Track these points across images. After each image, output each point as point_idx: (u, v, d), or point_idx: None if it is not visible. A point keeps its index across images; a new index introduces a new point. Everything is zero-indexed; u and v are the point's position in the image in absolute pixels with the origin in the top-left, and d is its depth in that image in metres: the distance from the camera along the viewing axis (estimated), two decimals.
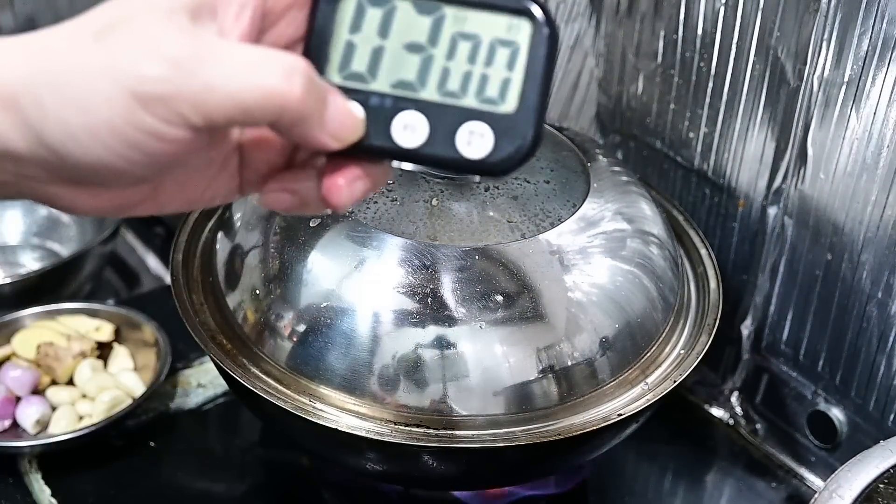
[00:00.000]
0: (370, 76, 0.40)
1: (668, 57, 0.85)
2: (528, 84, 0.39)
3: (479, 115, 0.39)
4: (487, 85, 0.39)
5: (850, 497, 0.60)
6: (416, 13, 0.40)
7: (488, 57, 0.39)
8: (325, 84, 0.39)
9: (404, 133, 0.40)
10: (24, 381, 0.85)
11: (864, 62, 0.70)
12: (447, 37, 0.40)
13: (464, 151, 0.39)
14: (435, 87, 0.40)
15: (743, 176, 0.82)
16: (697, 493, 0.86)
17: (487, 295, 0.66)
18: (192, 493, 0.82)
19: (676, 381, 0.69)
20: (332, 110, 0.39)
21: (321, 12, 0.40)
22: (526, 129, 0.39)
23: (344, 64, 0.40)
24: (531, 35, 0.39)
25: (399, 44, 0.40)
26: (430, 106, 0.40)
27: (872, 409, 0.78)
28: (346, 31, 0.40)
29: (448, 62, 0.40)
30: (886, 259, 0.73)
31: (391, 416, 0.66)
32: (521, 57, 0.39)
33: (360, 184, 0.41)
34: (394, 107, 0.40)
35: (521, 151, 0.39)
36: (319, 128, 0.39)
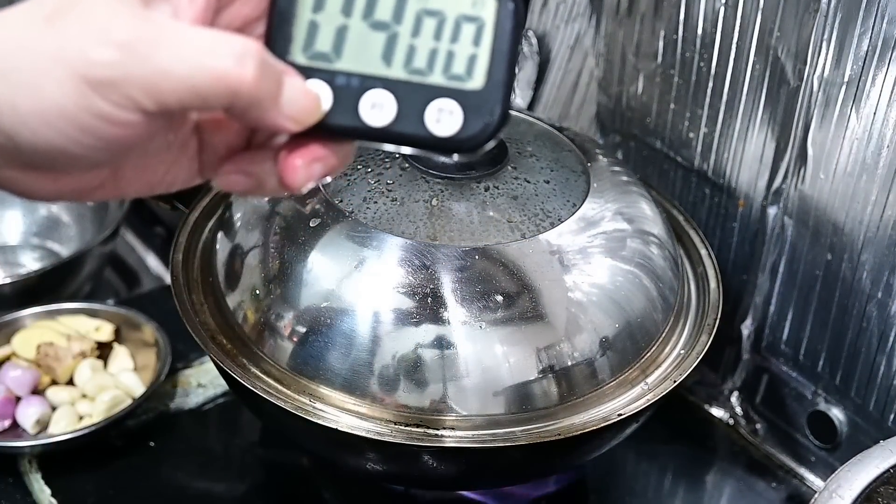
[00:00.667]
0: (335, 55, 0.39)
1: (668, 57, 0.85)
2: (495, 59, 0.39)
3: (447, 92, 0.39)
4: (454, 61, 0.39)
5: (850, 497, 0.60)
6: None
7: (454, 33, 0.39)
8: (280, 65, 0.39)
9: (372, 112, 0.39)
10: (24, 381, 0.85)
11: (864, 62, 0.70)
12: (412, 14, 0.39)
13: (433, 129, 0.39)
14: (401, 64, 0.39)
15: (743, 176, 0.82)
16: (697, 493, 0.86)
17: (487, 295, 0.66)
18: (192, 493, 0.82)
19: (676, 381, 0.69)
20: (288, 92, 0.38)
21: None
22: (494, 104, 0.39)
23: (308, 44, 0.39)
24: (496, 10, 0.39)
25: (363, 22, 0.39)
26: (398, 84, 0.39)
27: (872, 409, 0.78)
28: (308, 11, 0.39)
29: (413, 39, 0.39)
30: (886, 259, 0.73)
31: (391, 416, 0.66)
32: (487, 32, 0.39)
33: (319, 165, 0.41)
34: (361, 86, 0.39)
35: (491, 127, 0.39)
36: (276, 110, 0.38)
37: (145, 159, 0.41)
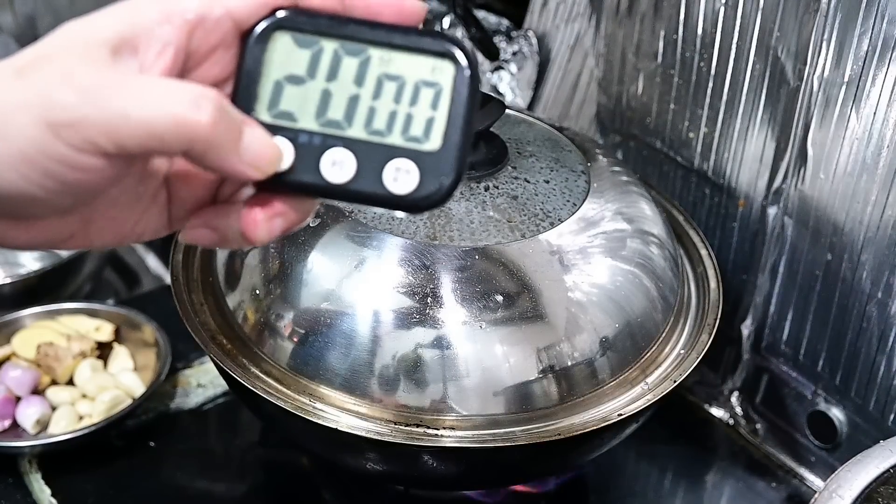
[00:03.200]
0: (299, 114, 0.41)
1: (668, 57, 0.85)
2: (452, 123, 0.41)
3: (404, 153, 0.41)
4: (412, 124, 0.41)
5: (850, 497, 0.60)
6: (344, 55, 0.41)
7: (413, 97, 0.41)
8: (240, 115, 0.40)
9: (333, 169, 0.41)
10: (24, 381, 0.85)
11: (864, 62, 0.70)
12: (373, 78, 0.41)
13: (390, 187, 0.41)
14: (362, 125, 0.41)
15: (743, 176, 0.82)
16: (697, 492, 0.86)
17: (487, 295, 0.66)
18: (192, 493, 0.82)
19: (676, 381, 0.69)
20: (248, 139, 0.39)
21: (250, 53, 0.41)
22: (450, 165, 0.41)
23: (273, 103, 0.41)
24: (454, 77, 0.41)
25: (327, 84, 0.41)
26: (358, 143, 0.41)
27: (872, 409, 0.78)
28: (274, 72, 0.41)
29: (374, 102, 0.41)
30: (886, 259, 0.73)
31: (391, 416, 0.66)
32: (445, 97, 0.41)
33: (280, 220, 0.42)
34: (322, 144, 0.41)
35: (446, 187, 0.41)
36: (236, 156, 0.39)
37: (116, 210, 0.42)
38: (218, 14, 0.40)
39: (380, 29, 0.41)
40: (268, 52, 0.41)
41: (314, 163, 0.41)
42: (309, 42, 0.41)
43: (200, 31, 0.40)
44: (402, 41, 0.41)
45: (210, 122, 0.38)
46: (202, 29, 0.40)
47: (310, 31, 0.41)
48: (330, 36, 0.41)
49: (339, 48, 0.41)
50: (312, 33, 0.41)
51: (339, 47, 0.41)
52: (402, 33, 0.41)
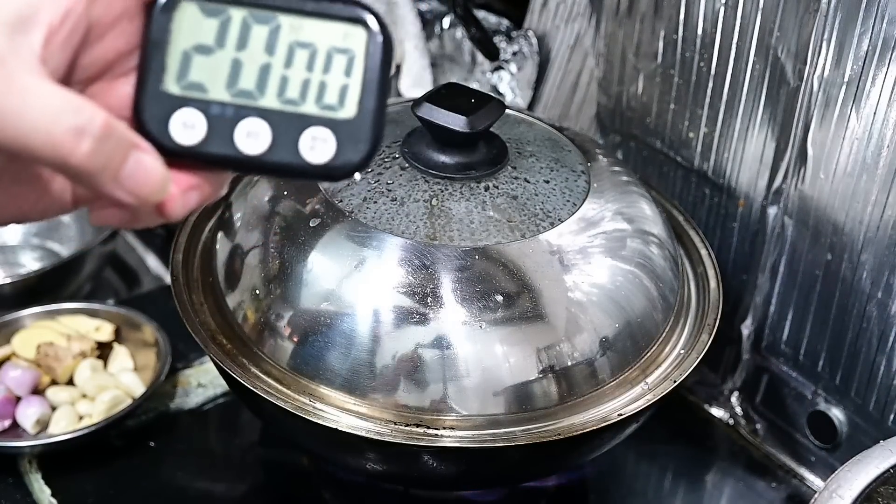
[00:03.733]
0: (210, 85, 0.40)
1: (668, 57, 0.85)
2: (366, 90, 0.40)
3: (320, 121, 0.40)
4: (326, 92, 0.40)
5: (850, 497, 0.60)
6: (253, 22, 0.40)
7: (326, 64, 0.40)
8: (130, 140, 0.38)
9: (248, 140, 0.40)
10: (24, 381, 0.85)
11: (864, 62, 0.70)
12: (284, 45, 0.40)
13: (307, 157, 0.40)
14: (275, 94, 0.40)
15: (743, 176, 0.82)
16: (697, 492, 0.86)
17: (487, 295, 0.66)
18: (193, 493, 0.82)
19: (676, 381, 0.69)
20: (132, 167, 0.38)
21: (156, 23, 0.40)
22: (366, 132, 0.40)
23: (181, 74, 0.40)
24: (366, 42, 0.40)
25: (237, 53, 0.40)
26: (272, 113, 0.40)
27: (872, 409, 0.78)
28: (182, 42, 0.40)
29: (286, 70, 0.40)
30: (886, 259, 0.73)
31: (391, 416, 0.66)
32: (358, 64, 0.40)
33: (195, 194, 0.41)
34: (236, 115, 0.40)
35: (363, 154, 0.40)
36: (113, 184, 0.38)
37: (17, 188, 0.41)
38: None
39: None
40: (174, 22, 0.40)
41: (228, 134, 0.40)
42: (216, 10, 0.40)
43: (101, 1, 0.39)
44: (313, 7, 0.40)
45: (85, 154, 0.37)
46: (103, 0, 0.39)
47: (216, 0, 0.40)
48: (238, 4, 0.40)
49: (248, 16, 0.40)
50: (219, 1, 0.40)
51: (247, 15, 0.40)
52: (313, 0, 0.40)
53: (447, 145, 0.71)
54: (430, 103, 0.71)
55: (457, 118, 0.70)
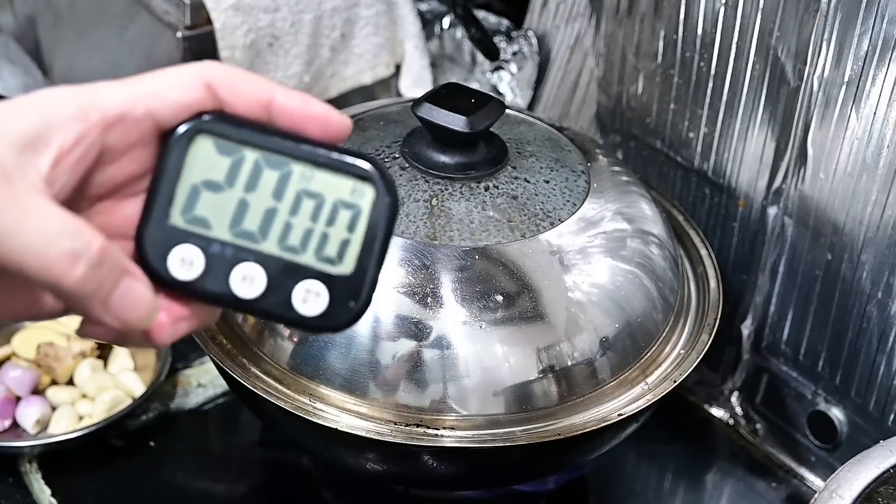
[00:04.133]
0: (213, 223, 0.40)
1: (668, 57, 0.85)
2: (367, 247, 0.40)
3: (316, 274, 0.40)
4: (327, 244, 0.40)
5: (850, 497, 0.60)
6: (265, 166, 0.40)
7: (330, 217, 0.40)
8: (123, 266, 0.38)
9: (242, 284, 0.40)
10: (24, 381, 0.85)
11: (864, 62, 0.70)
12: (293, 193, 0.40)
13: (299, 308, 0.40)
14: (276, 240, 0.40)
15: (743, 176, 0.83)
16: (697, 492, 0.86)
17: (487, 295, 0.67)
18: (192, 493, 0.82)
19: (676, 381, 0.69)
20: (122, 293, 0.38)
21: (170, 154, 0.40)
22: (360, 291, 0.40)
23: (187, 207, 0.40)
24: (373, 200, 0.40)
25: (245, 194, 0.40)
26: (270, 259, 0.40)
27: (872, 409, 0.78)
28: (192, 176, 0.40)
29: (291, 217, 0.40)
30: (886, 259, 0.73)
31: (391, 415, 0.66)
32: (362, 220, 0.40)
33: (185, 324, 0.41)
34: (234, 256, 0.40)
35: (353, 313, 0.40)
36: (101, 308, 0.38)
37: (11, 291, 0.41)
38: (139, 113, 0.39)
39: (304, 144, 0.40)
40: (188, 156, 0.40)
41: (224, 275, 0.40)
42: (231, 149, 0.40)
43: (119, 128, 0.39)
44: (325, 159, 0.40)
45: (78, 279, 0.37)
46: (121, 127, 0.39)
47: (232, 139, 0.40)
48: (253, 146, 0.40)
49: (261, 159, 0.40)
50: (235, 141, 0.40)
51: (260, 158, 0.40)
52: (327, 150, 0.40)
53: (447, 145, 0.71)
54: (430, 103, 0.71)
55: (457, 118, 0.70)
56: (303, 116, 0.40)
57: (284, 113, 0.40)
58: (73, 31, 1.03)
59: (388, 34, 0.99)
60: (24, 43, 1.13)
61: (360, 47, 0.97)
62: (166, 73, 0.40)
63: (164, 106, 0.40)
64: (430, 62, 1.04)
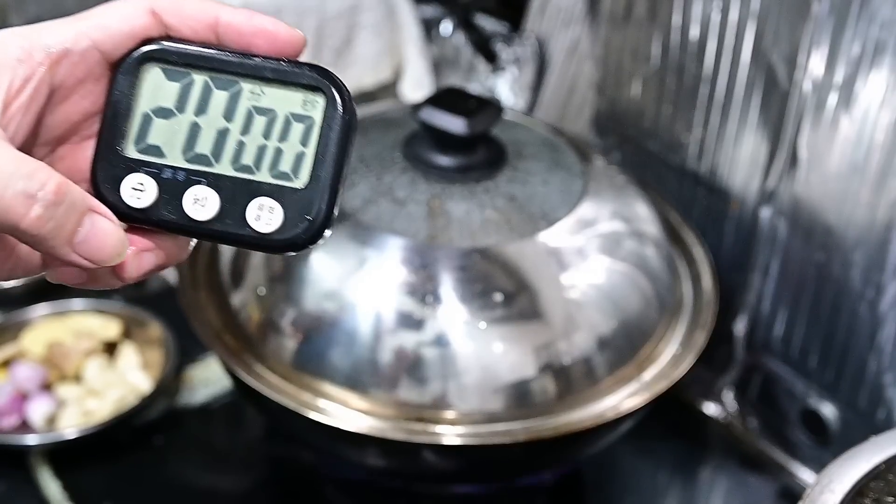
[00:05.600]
0: (166, 149, 0.40)
1: (663, 61, 0.86)
2: (321, 159, 0.39)
3: (269, 190, 0.39)
4: (281, 160, 0.39)
5: (841, 491, 0.59)
6: (214, 87, 0.39)
7: (283, 132, 0.39)
8: (86, 204, 0.37)
9: (195, 207, 0.39)
10: (33, 378, 0.85)
11: (856, 66, 0.71)
12: (243, 111, 0.39)
13: (254, 226, 0.39)
14: (229, 161, 0.39)
15: (736, 178, 0.83)
16: (692, 488, 0.86)
17: (486, 294, 0.67)
18: (199, 489, 0.83)
19: (674, 379, 0.70)
20: (87, 231, 0.37)
21: (118, 86, 0.39)
22: (316, 204, 0.39)
23: (140, 137, 0.40)
24: (325, 110, 0.39)
25: (196, 118, 0.40)
26: (223, 180, 0.39)
27: (862, 406, 0.78)
28: (143, 105, 0.40)
29: (243, 136, 0.39)
30: (877, 259, 0.74)
31: (393, 412, 0.67)
32: (315, 132, 0.39)
33: (150, 256, 0.40)
34: (186, 180, 0.39)
35: (311, 226, 0.39)
36: (67, 249, 0.37)
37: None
38: (83, 46, 0.39)
39: (252, 60, 0.39)
40: (137, 85, 0.40)
41: (177, 200, 0.39)
42: (179, 74, 0.40)
43: (66, 64, 0.39)
44: (274, 74, 0.39)
45: (34, 219, 0.36)
46: (67, 63, 0.39)
47: (180, 64, 0.40)
48: (200, 68, 0.39)
49: (210, 81, 0.39)
50: (183, 65, 0.40)
51: (209, 80, 0.39)
52: (275, 65, 0.39)
53: (447, 147, 0.72)
54: (430, 106, 0.71)
55: (457, 121, 0.70)
56: (250, 32, 0.39)
57: (231, 31, 0.40)
58: None
59: (389, 39, 0.99)
60: None
61: (361, 52, 0.98)
62: (111, 4, 0.40)
63: (108, 37, 0.39)
64: (431, 66, 1.04)
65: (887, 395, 0.76)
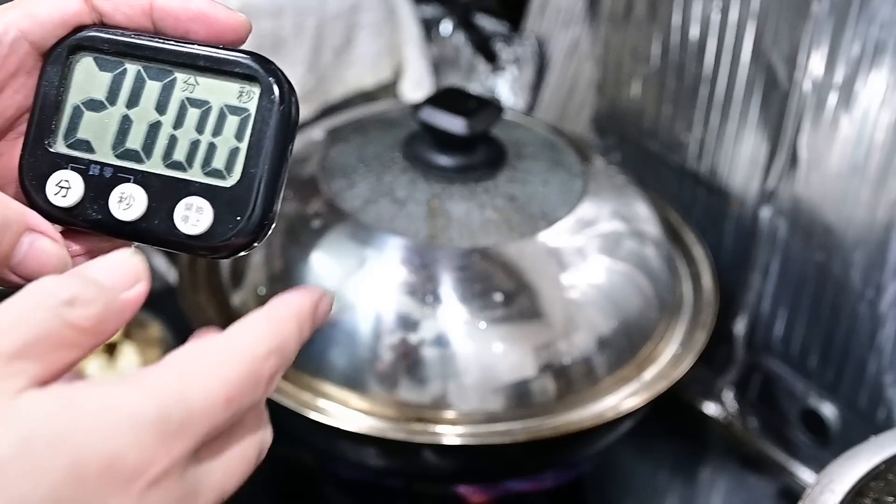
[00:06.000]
0: (95, 145, 0.37)
1: (663, 61, 0.86)
2: (253, 155, 0.36)
3: (200, 189, 0.36)
4: (214, 156, 0.36)
5: (841, 491, 0.59)
6: (147, 78, 0.37)
7: (217, 125, 0.36)
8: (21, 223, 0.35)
9: (120, 206, 0.36)
10: None
11: (855, 66, 0.71)
12: (176, 103, 0.37)
13: (181, 227, 0.36)
14: (160, 157, 0.37)
15: (736, 177, 0.83)
16: (692, 488, 0.87)
17: (486, 294, 0.67)
18: None
19: (674, 379, 0.70)
20: (25, 252, 0.35)
21: (48, 77, 0.37)
22: (247, 204, 0.36)
23: (70, 131, 0.37)
24: (259, 101, 0.36)
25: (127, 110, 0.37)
26: (152, 178, 0.37)
27: (862, 406, 0.78)
28: (73, 97, 0.37)
29: (175, 131, 0.37)
30: (877, 259, 0.74)
31: (392, 412, 0.67)
32: (250, 125, 0.36)
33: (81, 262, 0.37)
34: (113, 178, 0.37)
35: (243, 229, 0.36)
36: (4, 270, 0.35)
37: None
38: (11, 37, 0.36)
39: (188, 48, 0.37)
40: (67, 76, 0.37)
41: (104, 198, 0.37)
42: (111, 64, 0.37)
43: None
44: (209, 62, 0.36)
45: None
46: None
47: (113, 53, 0.37)
48: (133, 57, 0.37)
49: (143, 71, 0.37)
50: (115, 54, 0.37)
51: (142, 69, 0.37)
52: (211, 53, 0.36)
53: (447, 147, 0.72)
54: (430, 106, 0.71)
55: (457, 121, 0.70)
56: (187, 17, 0.37)
57: (167, 17, 0.37)
58: None
59: (389, 39, 0.99)
60: None
61: (361, 52, 0.98)
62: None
63: (38, 26, 0.37)
64: (431, 66, 1.04)
65: (887, 395, 0.77)
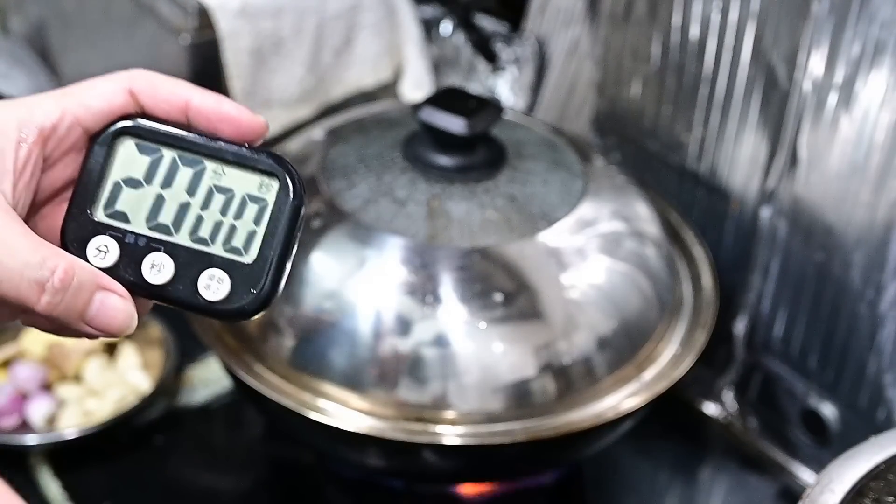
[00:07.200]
0: (131, 216, 0.43)
1: (663, 61, 0.86)
2: (268, 238, 0.43)
3: (220, 263, 0.43)
4: (235, 236, 0.43)
5: (841, 491, 0.59)
6: (181, 164, 0.43)
7: (239, 210, 0.43)
8: (95, 283, 0.41)
9: (152, 271, 0.43)
10: (33, 378, 0.85)
11: (856, 66, 0.71)
12: (205, 188, 0.43)
13: (203, 294, 0.42)
14: (188, 232, 0.43)
15: (736, 178, 0.83)
16: (691, 488, 0.87)
17: (486, 294, 0.67)
18: (199, 488, 0.83)
19: (674, 379, 0.70)
20: (97, 308, 0.41)
21: (94, 155, 0.43)
22: (261, 279, 0.42)
23: (109, 202, 0.43)
24: (277, 194, 0.43)
25: (162, 190, 0.43)
26: (180, 249, 0.43)
27: (862, 406, 0.79)
28: (114, 174, 0.43)
29: (202, 211, 0.43)
30: (876, 259, 0.74)
31: (393, 412, 0.67)
32: (267, 213, 0.43)
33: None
34: (146, 246, 0.43)
35: (255, 299, 0.42)
36: (81, 324, 0.41)
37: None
38: (68, 122, 0.43)
39: (217, 143, 0.43)
40: (111, 156, 0.43)
41: (136, 263, 0.43)
42: (150, 149, 0.43)
43: (54, 139, 0.42)
44: (235, 157, 0.43)
45: (46, 304, 0.39)
46: (55, 138, 0.42)
47: (152, 140, 0.43)
48: (170, 146, 0.43)
49: (178, 158, 0.43)
50: (155, 141, 0.43)
51: (177, 157, 0.43)
52: (237, 150, 0.43)
53: (447, 147, 0.72)
54: (430, 106, 0.72)
55: (457, 121, 0.70)
56: (217, 117, 0.44)
57: (201, 114, 0.44)
58: (81, 35, 1.04)
59: (389, 39, 1.00)
60: (34, 47, 1.13)
61: (361, 52, 0.98)
62: (94, 82, 0.44)
63: (90, 114, 0.43)
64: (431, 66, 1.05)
65: (887, 395, 0.77)
